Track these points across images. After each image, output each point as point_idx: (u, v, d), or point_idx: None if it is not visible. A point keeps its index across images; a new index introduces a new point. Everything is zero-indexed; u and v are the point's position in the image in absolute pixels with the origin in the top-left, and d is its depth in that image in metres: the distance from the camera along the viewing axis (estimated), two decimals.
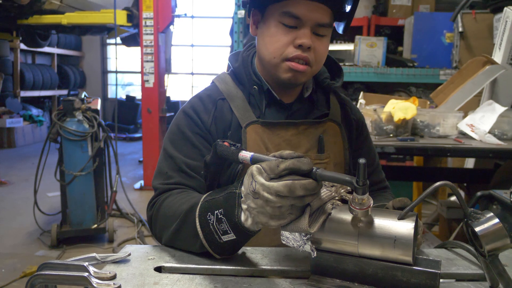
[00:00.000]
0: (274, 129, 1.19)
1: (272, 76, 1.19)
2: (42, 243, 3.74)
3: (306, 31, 1.10)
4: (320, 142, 1.21)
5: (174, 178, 1.12)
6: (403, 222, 0.78)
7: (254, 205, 0.79)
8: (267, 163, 0.78)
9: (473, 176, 2.99)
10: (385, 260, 0.79)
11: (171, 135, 1.20)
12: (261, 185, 0.77)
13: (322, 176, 0.76)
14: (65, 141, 3.55)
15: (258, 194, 0.77)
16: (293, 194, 0.75)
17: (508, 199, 1.57)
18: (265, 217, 0.79)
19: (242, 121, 1.17)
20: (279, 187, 0.75)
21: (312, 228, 0.79)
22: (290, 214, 0.79)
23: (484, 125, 2.25)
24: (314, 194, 0.78)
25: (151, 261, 0.93)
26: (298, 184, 0.75)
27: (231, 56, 1.31)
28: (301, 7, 1.08)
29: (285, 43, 1.11)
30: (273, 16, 1.12)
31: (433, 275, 0.76)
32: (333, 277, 0.84)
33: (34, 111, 9.26)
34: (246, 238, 0.89)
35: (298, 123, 1.21)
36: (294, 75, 1.14)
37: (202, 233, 0.91)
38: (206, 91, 1.25)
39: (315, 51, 1.13)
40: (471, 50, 3.94)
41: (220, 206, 0.88)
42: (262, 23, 1.17)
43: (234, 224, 0.85)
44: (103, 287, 0.80)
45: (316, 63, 1.16)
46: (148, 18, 5.16)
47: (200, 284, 0.83)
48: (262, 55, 1.18)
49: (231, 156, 0.87)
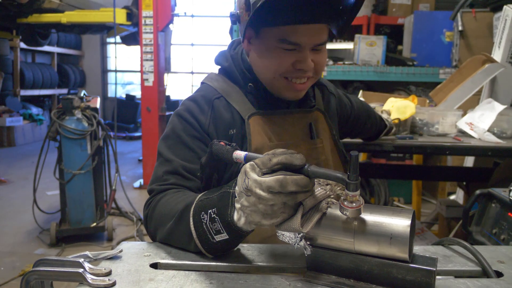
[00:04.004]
0: (273, 119, 1.20)
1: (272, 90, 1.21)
2: (41, 242, 3.74)
3: (305, 54, 1.10)
4: (311, 128, 1.26)
5: (170, 180, 1.11)
6: (400, 219, 0.77)
7: (247, 203, 0.78)
8: (259, 159, 0.78)
9: (473, 174, 2.99)
10: (381, 257, 0.78)
11: (166, 139, 1.17)
12: (254, 181, 0.76)
13: (314, 172, 0.75)
14: (64, 139, 3.54)
15: (250, 191, 0.76)
16: (285, 189, 0.74)
17: (507, 197, 1.56)
18: (258, 216, 0.78)
19: (243, 113, 1.17)
20: (270, 182, 0.74)
21: (304, 228, 0.78)
22: (282, 213, 0.78)
23: (483, 123, 2.25)
24: (306, 192, 0.77)
25: (147, 257, 0.93)
26: (290, 179, 0.74)
27: (217, 57, 1.29)
28: (300, 34, 1.07)
29: (284, 65, 1.11)
30: (270, 39, 1.11)
31: (428, 273, 0.75)
32: (329, 274, 0.84)
33: (34, 110, 9.26)
34: (239, 238, 0.88)
35: (293, 112, 1.24)
36: (296, 94, 1.18)
37: (195, 233, 0.90)
38: (199, 92, 1.23)
39: (315, 65, 1.14)
40: (471, 49, 3.94)
41: (214, 205, 0.87)
42: (256, 40, 1.15)
43: (227, 224, 0.85)
44: (98, 282, 0.79)
45: (316, 73, 1.18)
46: (147, 17, 5.16)
47: (196, 280, 0.83)
48: (259, 70, 1.19)
49: (225, 155, 0.87)
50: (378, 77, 4.00)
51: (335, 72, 3.95)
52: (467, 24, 3.93)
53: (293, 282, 0.83)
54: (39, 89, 9.41)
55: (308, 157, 1.22)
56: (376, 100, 2.76)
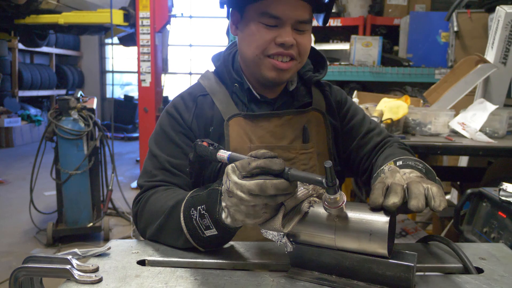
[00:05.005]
0: (257, 121, 1.20)
1: (256, 74, 1.20)
2: (38, 242, 3.75)
3: (287, 30, 1.11)
4: (305, 131, 1.23)
5: (158, 176, 1.14)
6: (379, 216, 0.78)
7: (230, 203, 0.80)
8: (239, 162, 0.79)
9: (466, 174, 3.00)
10: (362, 253, 0.80)
11: (155, 135, 1.22)
12: (234, 184, 0.78)
13: (293, 176, 0.77)
14: (60, 140, 3.56)
15: (232, 192, 0.78)
16: (265, 193, 0.75)
17: (497, 197, 1.58)
18: (241, 215, 0.80)
19: (225, 114, 1.19)
20: (251, 185, 0.76)
21: (286, 228, 0.80)
22: (264, 213, 0.79)
23: (475, 123, 2.26)
24: (287, 194, 0.78)
25: (135, 254, 0.95)
26: (270, 183, 0.75)
27: (213, 56, 1.32)
28: (280, 6, 1.09)
29: (266, 41, 1.12)
30: (252, 16, 1.13)
31: (407, 268, 0.77)
32: (312, 270, 0.85)
33: (32, 110, 9.28)
34: (228, 234, 0.90)
35: (280, 114, 1.22)
36: (279, 74, 1.15)
37: (186, 228, 0.92)
38: (189, 89, 1.27)
39: (298, 46, 1.14)
40: (467, 50, 3.95)
41: (203, 202, 0.89)
42: (241, 23, 1.18)
43: (216, 220, 0.87)
44: (85, 279, 0.81)
45: (301, 56, 1.17)
46: (144, 17, 5.17)
47: (181, 276, 0.85)
48: (244, 54, 1.19)
49: (210, 156, 0.88)
50: (374, 78, 4.02)
51: (331, 73, 3.96)
52: (462, 25, 3.95)
53: (276, 279, 0.84)
54: (37, 90, 9.43)
55: (297, 161, 1.21)
56: (370, 101, 2.77)
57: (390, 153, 1.18)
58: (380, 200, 0.79)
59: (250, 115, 1.20)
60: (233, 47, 1.31)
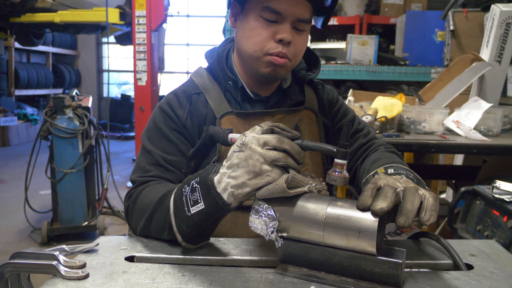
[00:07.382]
0: (249, 119, 1.20)
1: (251, 70, 1.19)
2: (33, 241, 3.74)
3: (286, 26, 1.10)
4: (297, 130, 1.22)
5: (151, 171, 1.14)
6: (369, 214, 0.78)
7: (237, 160, 0.82)
8: (263, 123, 0.85)
9: (461, 173, 3.01)
10: (350, 250, 0.79)
11: (148, 131, 1.21)
12: (252, 137, 0.82)
13: (307, 146, 0.84)
14: (55, 138, 3.54)
15: (245, 145, 0.82)
16: (281, 145, 0.80)
17: (490, 195, 1.58)
18: (244, 174, 0.80)
19: (217, 112, 1.18)
20: (268, 137, 0.81)
21: (291, 190, 0.80)
22: (268, 176, 0.80)
23: (469, 121, 2.26)
24: (296, 160, 0.82)
25: (123, 251, 0.94)
26: (286, 139, 0.82)
27: (207, 52, 1.32)
28: (282, 2, 1.08)
29: (265, 37, 1.11)
30: (253, 10, 1.12)
31: (395, 265, 0.77)
32: (301, 266, 0.85)
33: (28, 109, 9.24)
34: (214, 209, 0.85)
35: (273, 112, 1.22)
36: (274, 69, 1.14)
37: (173, 207, 0.89)
38: (182, 87, 1.27)
39: (294, 46, 1.13)
40: (463, 49, 3.95)
41: (198, 175, 0.89)
42: (241, 16, 1.17)
43: (207, 188, 0.84)
44: (71, 275, 0.80)
45: (295, 57, 1.16)
46: (140, 16, 5.17)
47: (169, 273, 0.84)
48: (242, 48, 1.17)
49: (221, 136, 0.92)
50: (370, 77, 4.01)
51: (327, 72, 3.96)
52: (458, 23, 3.95)
53: (265, 275, 0.84)
54: (34, 89, 9.38)
55: None
56: (365, 99, 2.78)
57: (378, 157, 1.18)
58: (368, 202, 0.78)
59: (242, 113, 1.19)
60: (228, 44, 1.30)
